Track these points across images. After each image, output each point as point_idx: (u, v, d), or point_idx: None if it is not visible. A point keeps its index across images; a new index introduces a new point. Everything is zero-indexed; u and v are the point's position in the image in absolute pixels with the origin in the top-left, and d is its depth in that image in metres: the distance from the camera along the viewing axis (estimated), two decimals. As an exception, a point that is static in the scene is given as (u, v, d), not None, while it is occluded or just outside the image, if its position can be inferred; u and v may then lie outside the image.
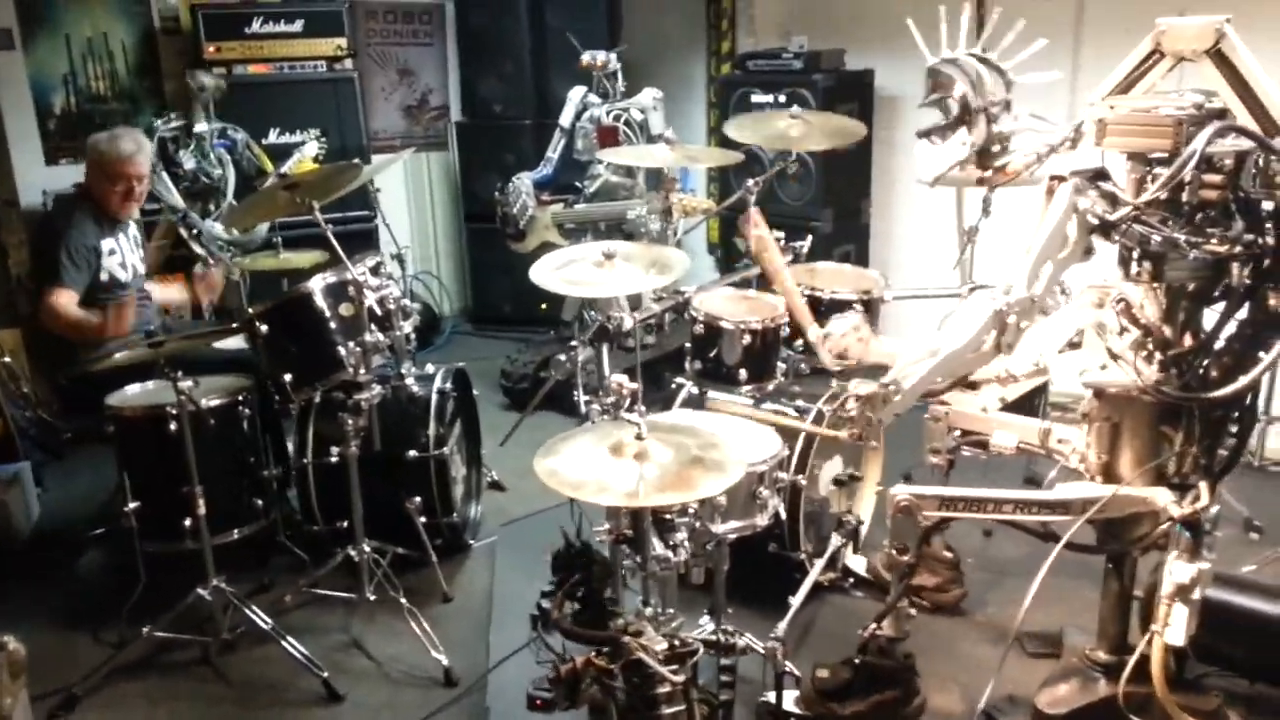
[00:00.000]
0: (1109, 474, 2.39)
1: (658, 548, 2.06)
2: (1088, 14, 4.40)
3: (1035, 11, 4.31)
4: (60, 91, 5.02)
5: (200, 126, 4.43)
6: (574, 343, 2.80)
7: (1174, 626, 2.12)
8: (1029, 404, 3.12)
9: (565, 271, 2.44)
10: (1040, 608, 2.95)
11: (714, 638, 1.86)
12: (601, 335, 2.59)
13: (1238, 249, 2.01)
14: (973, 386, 2.39)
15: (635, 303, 3.48)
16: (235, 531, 3.18)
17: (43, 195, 4.62)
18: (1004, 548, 3.39)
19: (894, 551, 2.42)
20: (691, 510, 2.24)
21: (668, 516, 2.13)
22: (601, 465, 1.83)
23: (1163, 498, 2.25)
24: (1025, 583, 2.27)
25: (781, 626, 2.65)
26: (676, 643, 1.75)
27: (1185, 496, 2.21)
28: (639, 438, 1.84)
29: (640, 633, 1.72)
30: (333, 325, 3.05)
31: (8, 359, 4.32)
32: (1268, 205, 2.02)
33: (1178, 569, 2.12)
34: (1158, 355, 2.19)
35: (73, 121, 5.01)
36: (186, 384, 2.82)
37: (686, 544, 2.15)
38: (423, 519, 3.30)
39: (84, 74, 5.07)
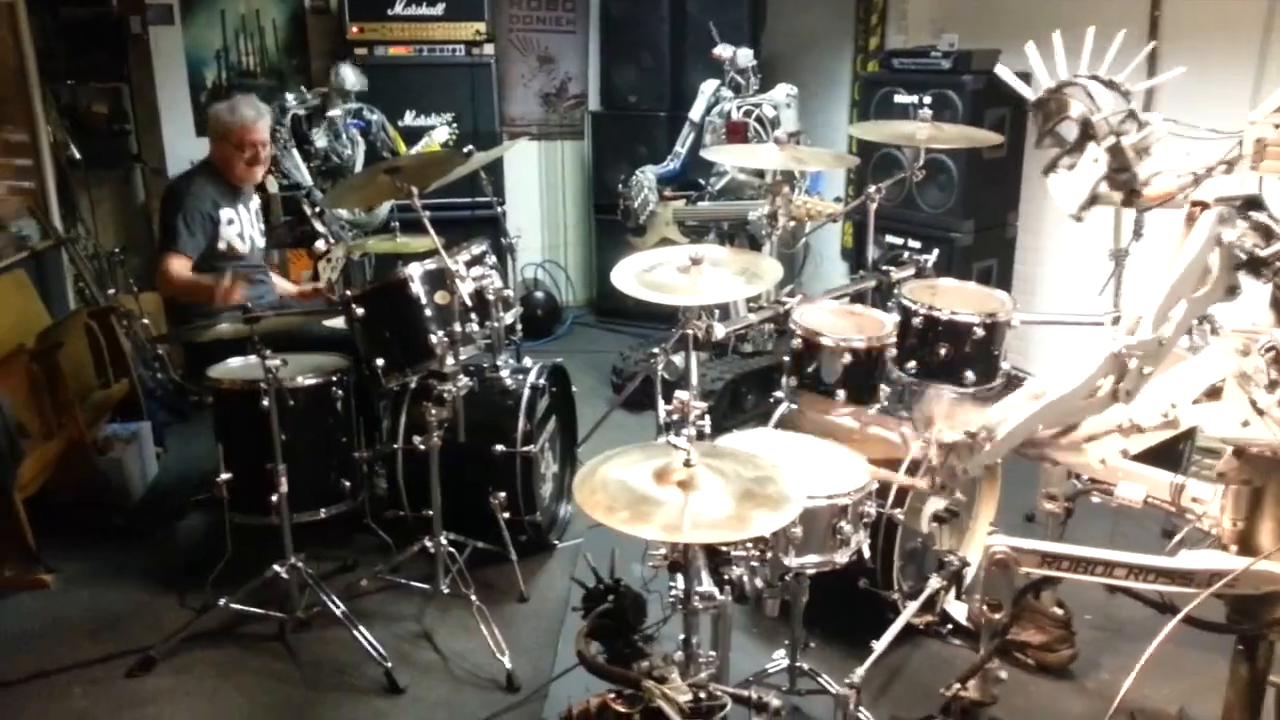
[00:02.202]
0: (1245, 544, 2.08)
1: (706, 583, 1.89)
2: (1278, 26, 3.94)
3: (1213, 19, 3.99)
4: (213, 66, 5.22)
5: (335, 112, 4.49)
6: (655, 349, 2.66)
7: (1306, 729, 1.82)
8: (1172, 450, 2.80)
9: (650, 275, 2.30)
10: (1159, 681, 2.66)
11: (746, 694, 1.69)
12: (686, 342, 2.44)
13: None
14: (1089, 439, 2.12)
15: (751, 306, 3.33)
16: (321, 511, 3.18)
17: (190, 165, 4.79)
18: (1128, 606, 3.00)
19: (986, 608, 2.18)
20: (750, 545, 2.07)
21: (725, 549, 1.96)
22: (645, 489, 1.68)
23: (1308, 579, 1.95)
24: (1148, 648, 2.01)
25: (859, 671, 2.45)
26: (703, 695, 1.59)
27: (1336, 580, 1.90)
28: (687, 464, 1.68)
29: (665, 679, 1.57)
30: (427, 312, 3.01)
31: (145, 320, 4.50)
32: None
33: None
34: (1312, 415, 1.88)
35: (222, 95, 5.18)
36: (275, 361, 2.82)
37: (749, 580, 1.97)
38: (506, 515, 3.24)
39: (236, 50, 5.25)
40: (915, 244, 4.64)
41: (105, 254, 4.92)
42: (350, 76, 4.53)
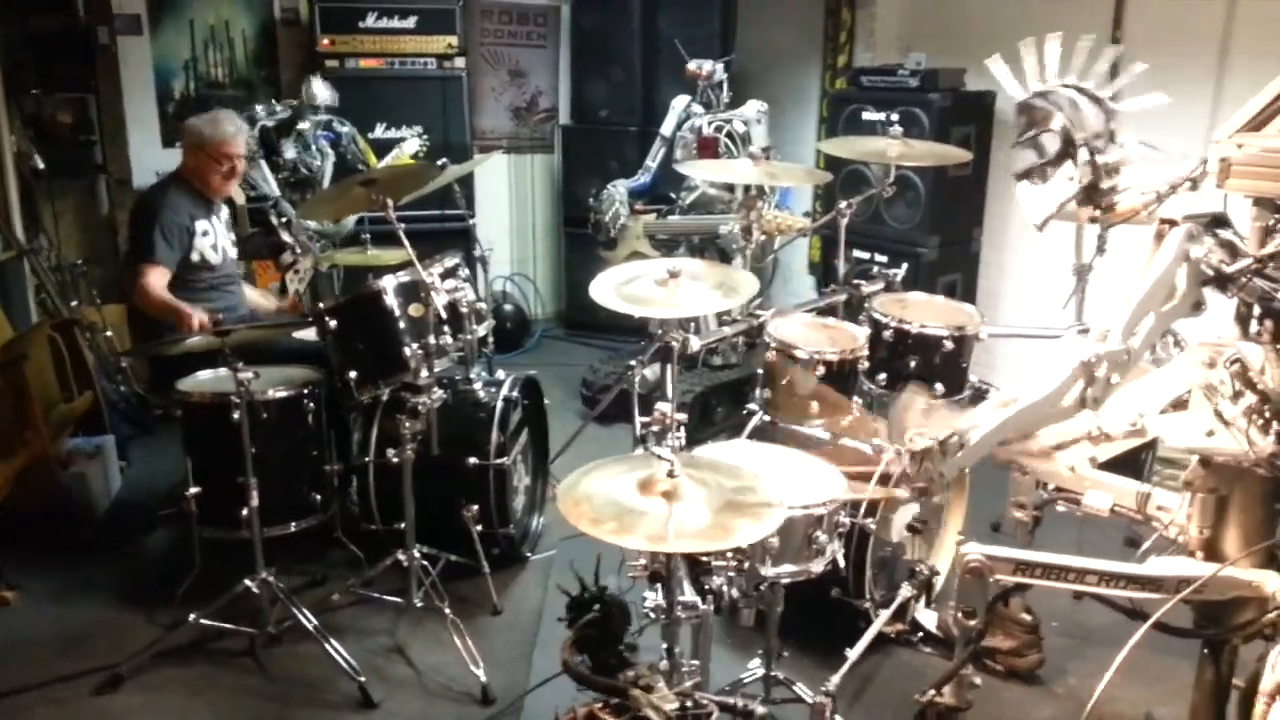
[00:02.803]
0: (1211, 551, 2.13)
1: (688, 593, 1.91)
2: (1234, 41, 4.05)
3: (1173, 40, 4.10)
4: (181, 76, 5.18)
5: (305, 124, 4.47)
6: (632, 361, 2.67)
7: (1272, 730, 1.86)
8: (1134, 459, 2.86)
9: (627, 288, 2.32)
10: (1126, 686, 2.70)
11: (731, 701, 1.70)
12: (664, 354, 2.46)
13: (1376, 312, 1.76)
14: (1059, 446, 2.16)
15: (722, 319, 3.35)
16: (292, 524, 3.15)
17: (156, 176, 4.74)
18: (1094, 613, 3.09)
19: (960, 615, 2.21)
20: (730, 555, 2.09)
21: (705, 558, 1.98)
22: (629, 500, 1.70)
23: (1272, 583, 1.99)
24: (1114, 653, 2.04)
25: (834, 680, 2.48)
26: (689, 704, 1.60)
27: (1299, 584, 1.95)
28: (671, 475, 1.70)
29: (651, 688, 1.58)
30: (401, 325, 3.00)
31: (109, 333, 4.45)
32: None
33: (1282, 664, 1.86)
34: (1275, 425, 1.93)
35: (191, 106, 5.15)
36: (247, 374, 2.80)
37: (727, 589, 1.99)
38: (479, 528, 3.23)
39: (205, 61, 5.22)
40: (882, 259, 4.71)
41: (68, 265, 4.85)
42: (321, 92, 4.51)
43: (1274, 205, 1.89)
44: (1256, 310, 1.92)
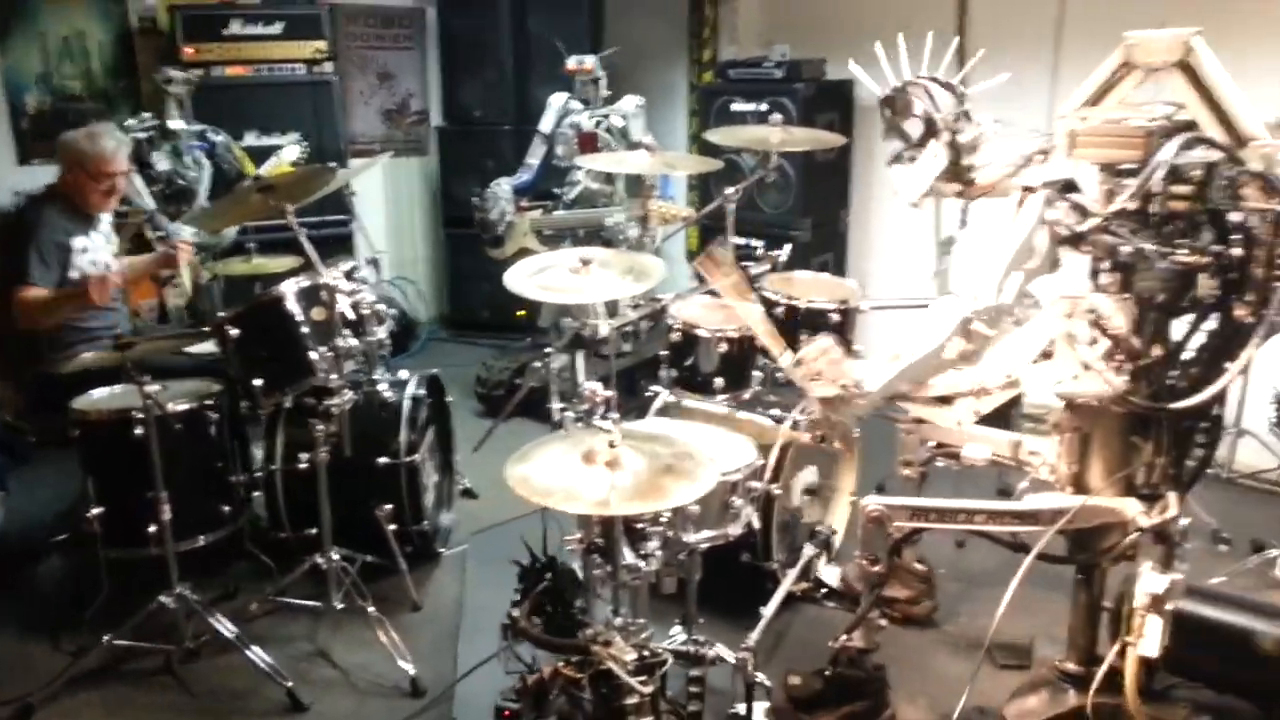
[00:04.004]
0: (1079, 485, 2.39)
1: (629, 557, 2.03)
2: (1067, 26, 4.43)
3: (1014, 25, 4.44)
4: (34, 91, 4.97)
5: (176, 124, 4.38)
6: (549, 350, 2.77)
7: (1148, 638, 2.11)
8: (1002, 416, 3.12)
9: (541, 278, 2.42)
10: (1011, 619, 2.93)
11: (684, 649, 1.84)
12: (576, 342, 2.57)
13: (1206, 260, 2.02)
14: (946, 401, 2.38)
15: (614, 309, 3.47)
16: (201, 538, 3.12)
17: (14, 196, 4.55)
18: (976, 558, 3.39)
19: (865, 563, 2.41)
20: (664, 519, 2.22)
21: (639, 525, 2.10)
22: (573, 473, 1.81)
23: (1131, 508, 2.25)
24: (997, 593, 2.27)
25: (753, 637, 2.63)
26: (646, 653, 1.73)
27: (1154, 507, 2.21)
28: (612, 445, 1.82)
29: (609, 643, 1.70)
30: (304, 330, 3.01)
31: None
32: (1235, 217, 2.02)
33: (1150, 579, 2.11)
34: (1127, 366, 2.18)
35: (46, 121, 4.94)
36: (154, 388, 2.78)
37: (658, 553, 2.12)
38: (393, 527, 3.27)
39: (59, 74, 5.02)
40: (759, 242, 4.91)
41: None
42: (175, 72, 4.43)
43: (1116, 170, 2.14)
44: (1105, 264, 2.17)
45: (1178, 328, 2.19)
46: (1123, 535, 2.26)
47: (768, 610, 2.77)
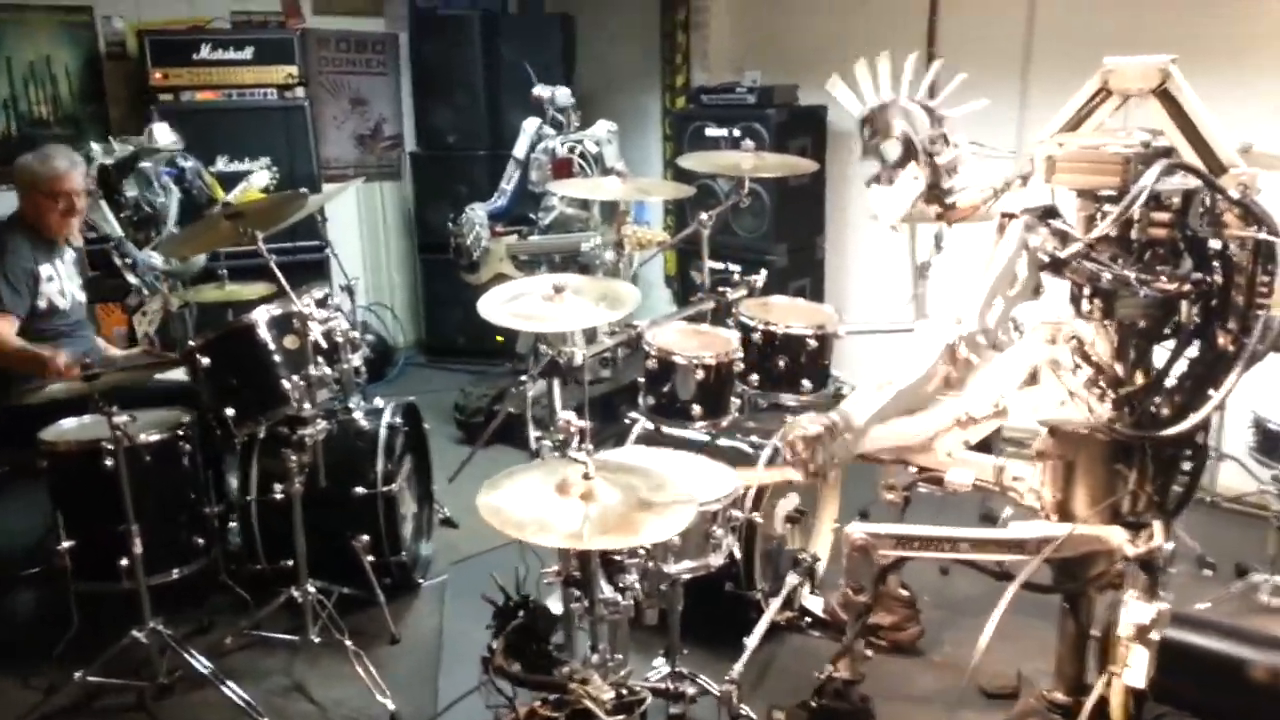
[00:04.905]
0: (1064, 512, 2.37)
1: (606, 590, 1.99)
2: (1035, 50, 4.48)
3: (982, 49, 4.48)
4: (1, 116, 4.90)
5: (145, 163, 4.32)
6: (524, 377, 2.74)
7: (1134, 668, 2.09)
8: (985, 441, 3.11)
9: (515, 305, 2.39)
10: (998, 647, 2.90)
11: (663, 686, 1.80)
12: (552, 369, 2.54)
13: (1187, 287, 2.02)
14: (934, 437, 2.36)
15: (591, 336, 3.45)
16: (175, 571, 3.06)
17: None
18: (961, 585, 3.37)
19: (850, 592, 2.38)
20: (642, 551, 2.19)
21: (617, 558, 2.07)
22: (546, 504, 1.77)
23: (1117, 536, 2.24)
24: (982, 621, 2.24)
25: (737, 669, 2.60)
26: (624, 691, 1.69)
27: (1140, 535, 2.20)
28: (586, 477, 1.78)
29: (587, 680, 1.66)
30: (277, 358, 2.97)
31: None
32: (1215, 244, 2.03)
33: (1136, 609, 2.10)
34: (1110, 393, 2.18)
35: (13, 147, 4.84)
36: (123, 418, 2.72)
37: (638, 585, 2.09)
38: (370, 558, 3.21)
39: (25, 99, 4.95)
40: (735, 267, 4.91)
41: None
42: (164, 135, 4.34)
43: (1095, 196, 2.14)
44: (1086, 291, 2.18)
45: (1160, 355, 2.19)
46: (1109, 564, 2.24)
47: (751, 641, 2.74)
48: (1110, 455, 2.27)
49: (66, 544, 2.88)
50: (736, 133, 4.90)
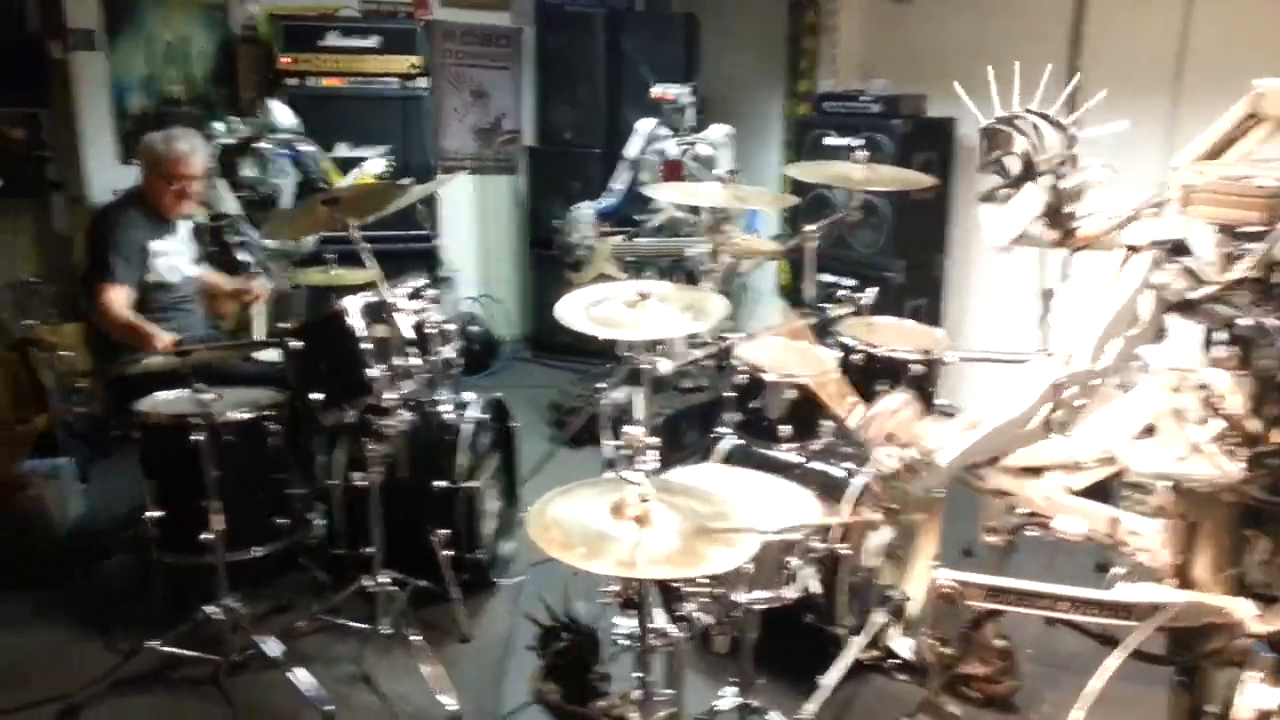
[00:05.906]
0: (1183, 577, 2.14)
1: (660, 619, 1.88)
2: (1188, 67, 4.14)
3: (1130, 66, 4.18)
4: (139, 93, 5.10)
5: (264, 144, 4.41)
6: (600, 385, 2.66)
7: (1251, 757, 1.87)
8: (1100, 484, 2.88)
9: (595, 309, 2.31)
10: (1101, 713, 2.70)
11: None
12: (635, 377, 2.44)
13: (1336, 339, 1.79)
14: (1034, 473, 2.17)
15: (691, 342, 3.34)
16: (255, 549, 3.09)
17: (113, 194, 4.65)
18: (1067, 639, 3.05)
19: (935, 643, 2.21)
20: (705, 580, 2.07)
21: (677, 585, 1.95)
22: (599, 525, 1.67)
23: (1243, 610, 2.01)
24: (1088, 680, 2.04)
25: (810, 707, 2.46)
26: (665, 730, 1.58)
27: (1269, 610, 1.96)
28: (643, 499, 1.68)
29: (623, 718, 1.56)
30: (365, 346, 2.95)
31: (64, 353, 4.34)
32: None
33: (1257, 693, 1.87)
34: (1243, 451, 1.95)
35: (149, 123, 5.04)
36: (210, 395, 2.75)
37: (699, 615, 1.97)
38: (447, 553, 3.18)
39: (163, 77, 5.15)
40: (849, 282, 4.74)
41: (22, 283, 4.73)
42: (284, 117, 4.43)
43: (1234, 232, 1.92)
44: (1222, 335, 1.95)
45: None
46: (1230, 638, 2.01)
47: (829, 679, 2.60)
48: (1240, 520, 2.04)
49: (152, 514, 2.92)
50: (858, 142, 4.72)
